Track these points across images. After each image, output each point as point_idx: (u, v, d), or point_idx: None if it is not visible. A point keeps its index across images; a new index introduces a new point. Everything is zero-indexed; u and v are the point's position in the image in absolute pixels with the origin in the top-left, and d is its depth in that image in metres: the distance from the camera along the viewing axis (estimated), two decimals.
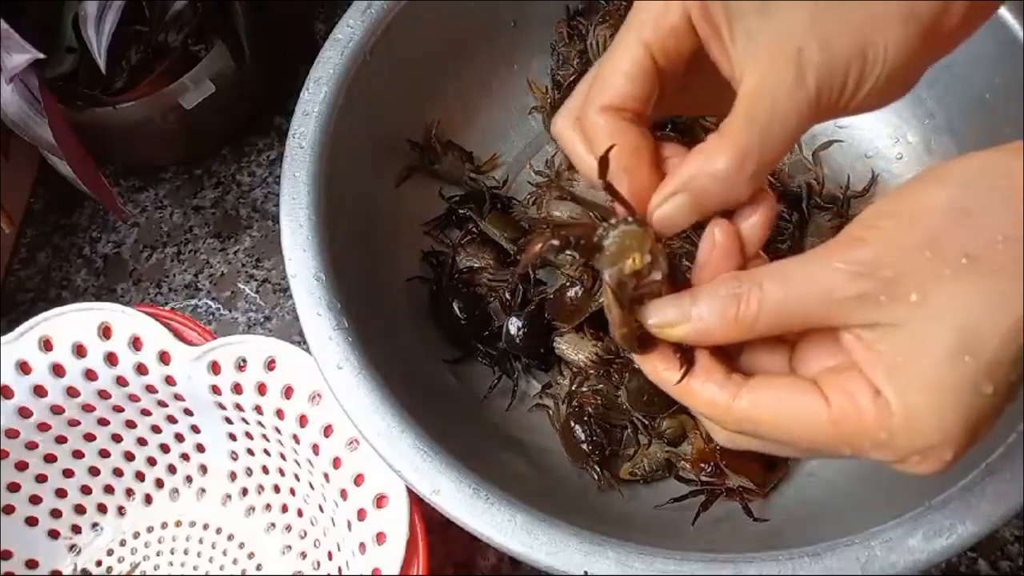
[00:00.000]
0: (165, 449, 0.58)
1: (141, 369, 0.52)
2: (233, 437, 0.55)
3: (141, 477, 0.58)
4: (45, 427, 0.54)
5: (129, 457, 0.57)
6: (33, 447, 0.54)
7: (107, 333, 0.52)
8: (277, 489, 0.57)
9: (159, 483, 0.59)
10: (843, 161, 0.61)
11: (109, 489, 0.58)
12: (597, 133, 0.32)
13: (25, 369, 0.52)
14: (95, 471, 0.57)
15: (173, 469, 0.58)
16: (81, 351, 0.52)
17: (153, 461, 0.58)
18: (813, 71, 0.29)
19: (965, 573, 0.55)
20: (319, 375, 0.45)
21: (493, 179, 0.62)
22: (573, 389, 0.54)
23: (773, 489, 0.52)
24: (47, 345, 0.52)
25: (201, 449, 0.57)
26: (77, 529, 0.58)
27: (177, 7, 0.61)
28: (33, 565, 0.56)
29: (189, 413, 0.55)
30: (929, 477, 0.28)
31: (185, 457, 0.58)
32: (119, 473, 0.58)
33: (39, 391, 0.52)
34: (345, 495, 0.48)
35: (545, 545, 0.41)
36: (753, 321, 0.29)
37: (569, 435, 0.53)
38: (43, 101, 0.53)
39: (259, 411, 0.51)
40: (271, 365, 0.50)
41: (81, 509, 0.58)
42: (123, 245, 0.70)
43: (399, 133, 0.59)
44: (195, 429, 0.56)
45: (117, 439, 0.56)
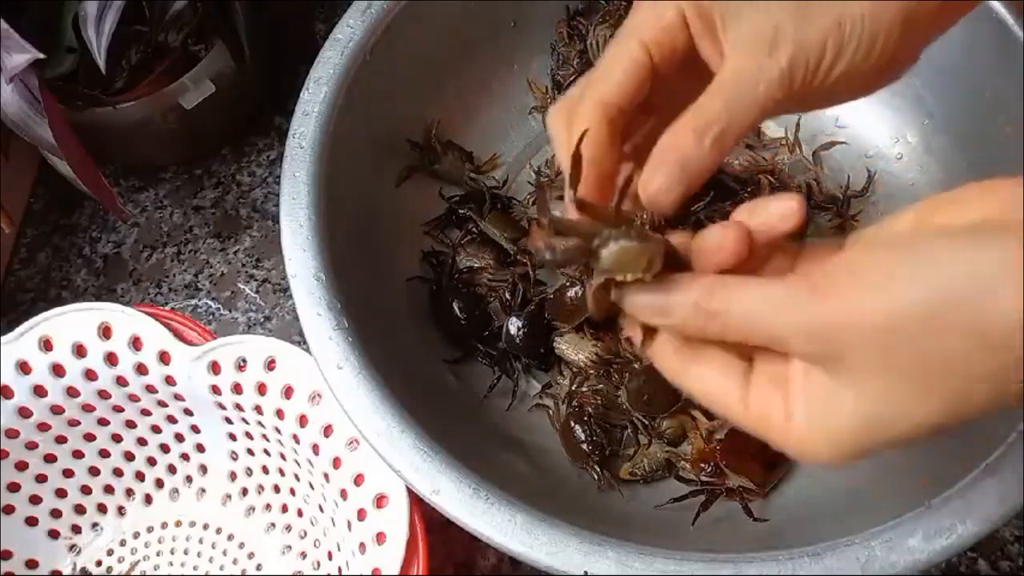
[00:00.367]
0: (165, 449, 0.58)
1: (141, 369, 0.52)
2: (233, 437, 0.55)
3: (141, 477, 0.58)
4: (45, 427, 0.54)
5: (129, 457, 0.57)
6: (33, 447, 0.54)
7: (107, 333, 0.52)
8: (277, 489, 0.57)
9: (159, 483, 0.59)
10: (843, 161, 0.61)
11: (109, 489, 0.58)
12: (584, 125, 0.33)
13: (25, 369, 0.52)
14: (95, 471, 0.57)
15: (173, 469, 0.58)
16: (81, 351, 0.52)
17: (153, 461, 0.58)
18: (787, 45, 0.30)
19: (965, 573, 0.55)
20: (319, 375, 0.45)
21: (493, 179, 0.62)
22: (573, 389, 0.54)
23: (773, 489, 0.52)
24: (47, 345, 0.52)
25: (201, 449, 0.57)
26: (77, 529, 0.58)
27: (177, 7, 0.61)
28: (33, 565, 0.56)
29: (189, 413, 0.55)
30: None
31: (185, 457, 0.58)
32: (119, 473, 0.58)
33: (39, 391, 0.52)
34: (345, 495, 0.48)
35: (545, 545, 0.41)
36: (717, 335, 0.30)
37: (569, 435, 0.53)
38: (43, 101, 0.53)
39: (259, 411, 0.51)
40: (271, 365, 0.50)
41: (81, 509, 0.58)
42: (123, 245, 0.70)
43: (399, 133, 0.59)
44: (195, 429, 0.56)
45: (117, 439, 0.56)
